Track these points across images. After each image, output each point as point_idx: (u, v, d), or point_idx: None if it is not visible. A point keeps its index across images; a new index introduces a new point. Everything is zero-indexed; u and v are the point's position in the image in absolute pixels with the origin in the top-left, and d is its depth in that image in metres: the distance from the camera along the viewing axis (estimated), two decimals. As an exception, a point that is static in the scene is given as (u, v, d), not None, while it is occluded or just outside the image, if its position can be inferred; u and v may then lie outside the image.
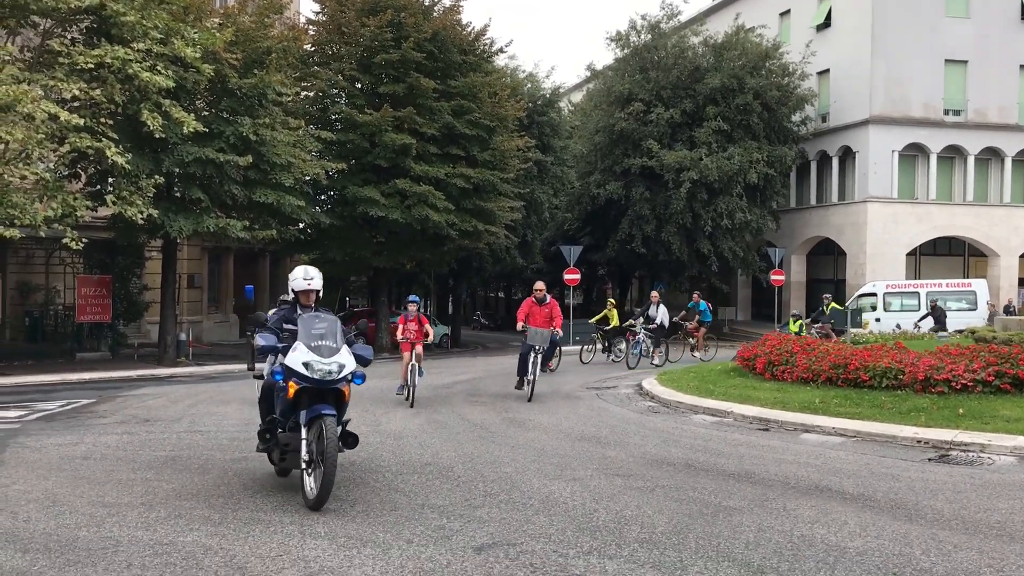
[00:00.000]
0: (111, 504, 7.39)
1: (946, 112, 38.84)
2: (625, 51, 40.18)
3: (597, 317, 26.11)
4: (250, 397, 14.19)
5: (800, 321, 24.20)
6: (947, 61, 38.38)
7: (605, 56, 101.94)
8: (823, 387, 13.50)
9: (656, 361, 22.59)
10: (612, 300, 28.23)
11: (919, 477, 8.53)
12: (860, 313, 27.40)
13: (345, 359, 7.29)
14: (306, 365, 7.13)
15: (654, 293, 24.12)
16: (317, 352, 7.19)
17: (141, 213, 19.82)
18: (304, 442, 7.16)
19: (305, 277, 8.07)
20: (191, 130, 20.02)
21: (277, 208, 23.86)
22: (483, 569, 5.63)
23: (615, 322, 25.25)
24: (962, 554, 5.98)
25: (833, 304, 25.10)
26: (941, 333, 22.75)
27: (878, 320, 30.30)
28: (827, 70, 40.53)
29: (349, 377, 7.33)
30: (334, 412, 7.09)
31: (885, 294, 32.28)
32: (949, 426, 10.60)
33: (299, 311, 7.94)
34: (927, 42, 37.86)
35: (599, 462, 9.33)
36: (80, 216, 19.54)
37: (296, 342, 7.32)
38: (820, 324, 24.34)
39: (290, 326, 7.73)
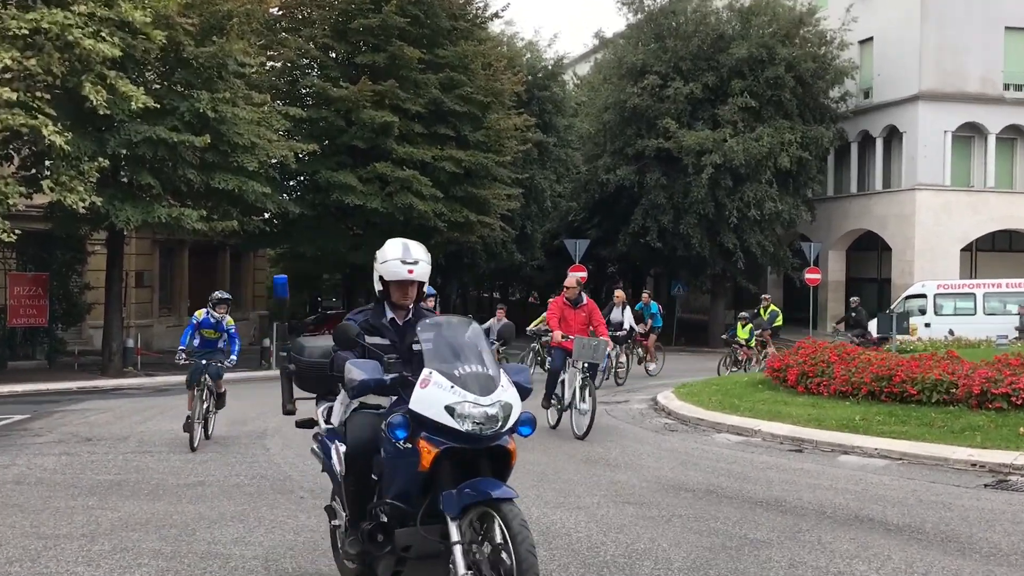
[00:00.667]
0: (47, 536, 7.40)
1: (1006, 87, 38.87)
2: (638, 16, 40.20)
3: (536, 323, 21.52)
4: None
5: (749, 325, 24.11)
6: (1007, 28, 38.37)
7: (616, 22, 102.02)
8: (864, 402, 13.52)
9: (620, 378, 20.89)
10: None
11: (974, 505, 8.56)
12: (907, 317, 27.42)
13: (510, 395, 4.93)
14: (451, 410, 4.73)
15: (618, 292, 21.69)
16: (463, 385, 4.83)
17: (83, 201, 19.81)
18: (458, 547, 4.60)
19: (405, 259, 5.55)
20: (140, 106, 20.01)
21: (239, 195, 23.87)
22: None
23: None
24: (1022, 594, 6.01)
25: (772, 306, 25.17)
26: (857, 341, 22.77)
27: (928, 325, 30.32)
28: (870, 39, 40.53)
29: (513, 425, 4.95)
30: (513, 494, 4.71)
31: (936, 295, 32.27)
32: (1009, 447, 10.62)
33: (387, 315, 5.74)
34: (985, 6, 37.88)
35: (608, 488, 9.36)
36: (12, 204, 19.53)
37: (425, 370, 4.91)
38: (760, 330, 24.30)
39: (377, 340, 5.57)
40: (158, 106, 21.15)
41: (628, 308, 21.56)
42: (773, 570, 6.53)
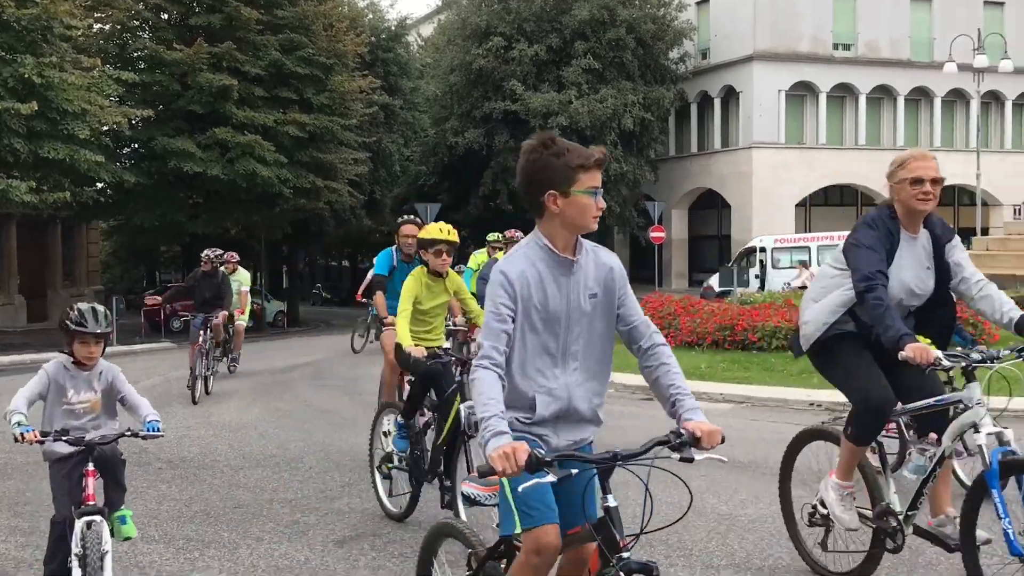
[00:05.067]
0: None
1: (835, 47, 40.88)
2: (481, -24, 40.39)
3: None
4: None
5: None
6: (836, -10, 40.40)
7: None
8: (709, 351, 14.27)
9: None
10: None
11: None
12: (748, 271, 28.79)
13: None
14: None
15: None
16: None
17: (-102, 174, 18.80)
18: None
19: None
20: (-42, 71, 19.07)
21: (70, 165, 23.07)
22: (347, 562, 5.84)
23: None
24: (855, 515, 6.57)
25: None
26: None
27: (765, 279, 31.83)
28: (707, 0, 41.88)
29: None
30: None
31: (773, 249, 33.86)
32: (842, 387, 11.42)
33: None
34: (813, -32, 39.71)
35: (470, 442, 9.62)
36: None
37: None
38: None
39: None
40: (-22, 72, 20.18)
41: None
42: (631, 507, 6.93)
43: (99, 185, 28.22)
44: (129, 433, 4.98)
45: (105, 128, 25.34)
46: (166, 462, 9.09)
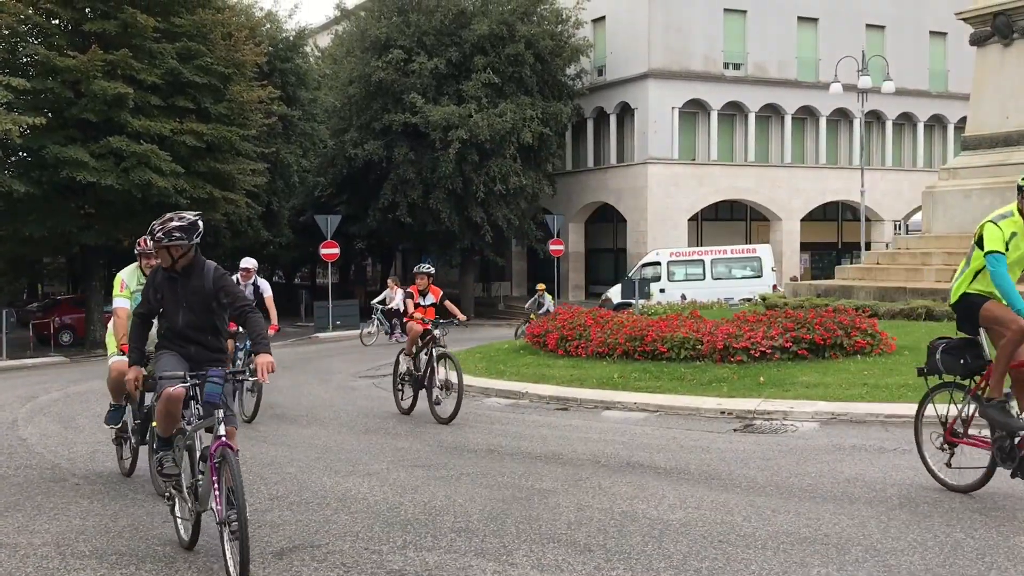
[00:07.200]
0: None
1: (726, 66, 42.01)
2: (380, -12, 40.31)
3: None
4: None
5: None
6: (726, 10, 41.51)
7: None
8: (620, 361, 14.52)
9: None
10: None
11: (728, 447, 9.51)
12: (647, 284, 29.37)
13: None
14: None
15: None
16: None
17: None
18: None
19: None
20: None
21: (-43, 173, 22.19)
22: (290, 573, 5.81)
23: None
24: (781, 517, 6.83)
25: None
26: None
27: (663, 291, 32.50)
28: (602, 18, 42.60)
29: None
30: None
31: (669, 263, 34.60)
32: (751, 395, 11.79)
33: None
34: (705, -11, 40.80)
35: (393, 454, 9.64)
36: None
37: None
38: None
39: None
40: None
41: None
42: (564, 514, 7.06)
43: (-14, 194, 27.23)
44: None
45: (-7, 135, 24.52)
46: (82, 477, 8.84)
